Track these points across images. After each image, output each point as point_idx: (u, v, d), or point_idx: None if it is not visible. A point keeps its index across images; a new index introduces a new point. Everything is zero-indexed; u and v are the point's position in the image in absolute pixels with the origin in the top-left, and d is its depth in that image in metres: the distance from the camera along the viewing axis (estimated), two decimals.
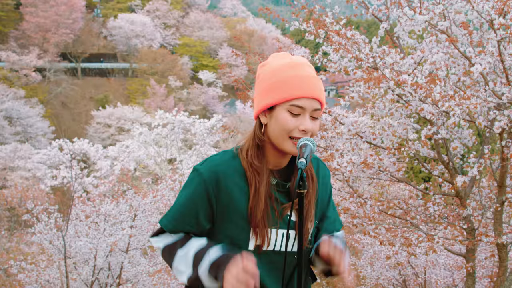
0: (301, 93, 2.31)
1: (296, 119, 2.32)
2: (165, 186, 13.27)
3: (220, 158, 2.46)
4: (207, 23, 72.02)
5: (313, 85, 2.35)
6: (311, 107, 2.34)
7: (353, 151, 7.62)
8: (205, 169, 2.42)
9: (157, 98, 56.00)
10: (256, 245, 2.41)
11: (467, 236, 7.67)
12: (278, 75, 2.36)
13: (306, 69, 2.39)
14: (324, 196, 2.62)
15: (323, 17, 7.50)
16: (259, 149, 2.43)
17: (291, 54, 2.52)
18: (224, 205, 2.40)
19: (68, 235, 11.18)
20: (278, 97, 2.32)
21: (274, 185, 2.44)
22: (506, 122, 6.36)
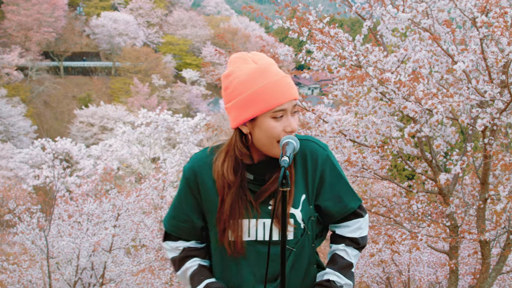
0: (282, 98, 2.33)
1: (280, 122, 2.34)
2: (148, 185, 13.25)
3: (199, 154, 2.57)
4: (191, 22, 71.83)
5: (289, 86, 2.37)
6: (291, 107, 2.37)
7: (336, 149, 7.61)
8: (186, 168, 2.56)
9: (140, 96, 55.77)
10: (234, 237, 2.47)
11: (450, 234, 7.70)
12: (253, 85, 2.34)
13: (274, 70, 2.39)
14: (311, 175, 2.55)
15: (306, 15, 7.45)
16: (236, 161, 2.44)
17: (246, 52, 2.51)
18: (205, 198, 2.52)
19: (50, 235, 11.09)
20: (260, 108, 2.32)
21: (252, 180, 2.47)
22: (488, 119, 6.41)
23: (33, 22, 58.12)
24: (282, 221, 2.27)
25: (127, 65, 62.39)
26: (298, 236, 2.52)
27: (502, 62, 6.08)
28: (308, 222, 2.55)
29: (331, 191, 2.57)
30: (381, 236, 8.38)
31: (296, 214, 2.49)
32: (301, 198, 2.51)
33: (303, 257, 2.56)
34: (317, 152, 2.55)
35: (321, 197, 2.57)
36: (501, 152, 6.85)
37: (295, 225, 2.49)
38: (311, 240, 2.59)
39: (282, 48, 7.82)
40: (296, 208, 2.49)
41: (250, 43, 66.89)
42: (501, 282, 10.61)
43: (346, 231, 2.66)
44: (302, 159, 2.53)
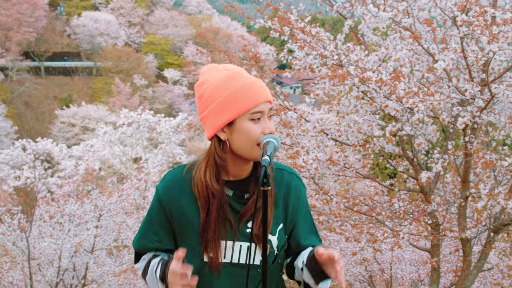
0: (258, 99, 2.33)
1: (259, 124, 2.34)
2: (130, 186, 13.20)
3: (174, 173, 2.52)
4: (172, 21, 71.58)
5: (264, 88, 2.39)
6: (267, 109, 2.37)
7: (318, 148, 7.56)
8: (160, 187, 2.50)
9: (122, 96, 55.46)
10: (210, 258, 2.44)
11: (431, 232, 7.73)
12: (228, 89, 2.34)
13: (246, 75, 2.41)
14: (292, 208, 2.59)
15: (288, 15, 7.45)
16: (217, 170, 2.42)
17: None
18: (179, 219, 2.47)
19: (32, 236, 11.01)
20: (238, 110, 2.32)
21: (231, 196, 2.45)
22: (469, 118, 6.45)
23: (13, 22, 57.59)
24: (263, 223, 2.27)
25: (108, 65, 62.03)
26: (270, 262, 2.53)
27: (482, 60, 6.11)
28: (281, 250, 2.58)
29: (305, 229, 2.65)
30: (363, 235, 8.38)
31: (273, 240, 2.51)
32: (278, 226, 2.53)
33: (272, 284, 2.58)
34: (300, 190, 2.61)
35: (297, 233, 2.63)
36: (482, 150, 6.87)
37: (271, 249, 2.50)
38: (280, 268, 2.62)
39: (264, 48, 7.82)
40: (273, 235, 2.51)
41: (232, 42, 66.79)
42: (482, 280, 10.69)
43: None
44: (286, 191, 2.56)
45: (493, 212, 7.34)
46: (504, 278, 9.75)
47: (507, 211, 7.16)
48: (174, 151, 21.39)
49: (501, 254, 9.77)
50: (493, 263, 9.88)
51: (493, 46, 5.86)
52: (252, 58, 7.79)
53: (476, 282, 10.45)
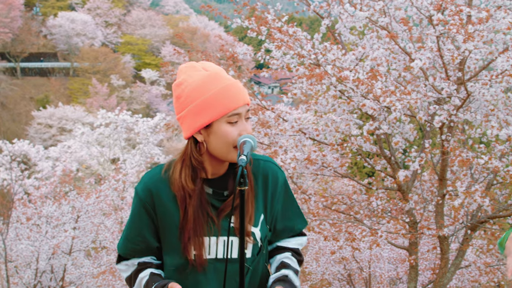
0: (236, 102, 2.32)
1: (236, 127, 2.34)
2: (108, 186, 13.12)
3: (152, 173, 2.51)
4: (149, 21, 71.18)
5: (242, 90, 2.38)
6: (245, 111, 2.36)
7: (296, 147, 7.60)
8: (140, 188, 2.48)
9: (99, 97, 55.05)
10: (195, 255, 2.43)
11: (409, 230, 7.78)
12: (206, 91, 2.33)
13: (224, 76, 2.39)
14: (271, 196, 2.59)
15: (265, 14, 7.46)
16: (193, 170, 2.42)
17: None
18: (161, 218, 2.46)
19: (8, 238, 10.89)
20: (216, 113, 2.31)
21: (211, 194, 2.45)
22: (446, 116, 6.50)
23: None
24: (241, 221, 2.26)
25: (85, 66, 61.52)
26: (255, 254, 2.53)
27: (458, 59, 6.19)
28: (264, 241, 2.58)
29: (285, 213, 2.65)
30: (342, 234, 8.40)
31: (256, 232, 2.50)
32: (260, 217, 2.53)
33: (258, 275, 2.57)
34: (277, 175, 2.59)
35: (275, 219, 2.63)
36: (458, 148, 6.87)
37: (254, 241, 2.50)
38: (265, 259, 2.63)
39: (241, 47, 7.81)
40: (256, 226, 2.51)
41: (209, 42, 66.61)
42: (460, 277, 10.78)
43: (289, 243, 2.72)
44: (263, 180, 2.55)
45: (470, 209, 7.39)
46: (481, 275, 9.80)
47: (483, 209, 7.21)
48: (152, 152, 21.28)
49: (478, 251, 9.81)
50: (471, 260, 9.93)
51: (469, 45, 5.92)
52: (229, 58, 7.78)
53: (454, 279, 10.54)
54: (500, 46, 6.82)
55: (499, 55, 6.28)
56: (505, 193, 7.85)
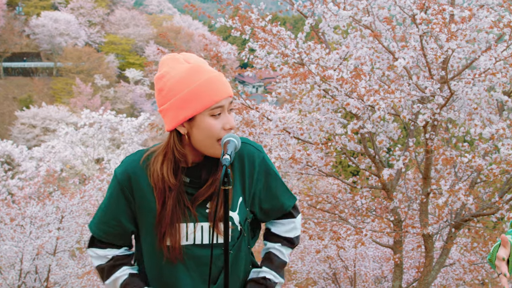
0: (219, 95, 2.31)
1: (219, 120, 2.33)
2: (92, 187, 13.05)
3: (133, 157, 2.49)
4: (133, 21, 70.87)
5: (224, 83, 2.36)
6: (228, 104, 2.36)
7: (281, 146, 7.62)
8: (119, 171, 2.46)
9: (83, 97, 54.73)
10: (171, 241, 2.42)
11: (394, 228, 7.80)
12: (189, 84, 2.32)
13: (207, 69, 2.37)
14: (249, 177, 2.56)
15: (248, 14, 7.44)
16: (176, 163, 2.41)
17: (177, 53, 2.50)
18: (139, 203, 2.44)
19: None
20: (199, 106, 2.30)
21: (188, 183, 2.44)
22: (429, 115, 6.52)
23: None
24: (225, 221, 2.26)
25: (69, 65, 61.15)
26: (235, 238, 2.52)
27: (442, 58, 6.22)
28: (245, 224, 2.57)
29: (269, 192, 2.61)
30: (327, 233, 8.43)
31: (234, 216, 2.49)
32: (238, 200, 2.51)
33: (240, 259, 2.57)
34: (253, 155, 2.56)
35: (258, 199, 2.60)
36: (442, 147, 6.91)
37: (233, 226, 2.49)
38: (247, 241, 2.61)
39: (225, 47, 7.81)
40: (234, 211, 2.49)
41: (193, 41, 66.44)
42: (445, 275, 10.82)
43: (282, 230, 2.72)
44: (239, 162, 2.53)
45: (454, 208, 7.43)
46: (465, 273, 9.88)
47: (467, 207, 7.22)
48: None
49: (462, 250, 9.84)
50: (455, 259, 9.99)
51: (452, 44, 5.95)
52: (213, 57, 7.76)
53: (439, 277, 10.60)
54: (483, 45, 6.84)
55: (482, 53, 6.30)
56: (488, 191, 7.86)
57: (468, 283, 10.81)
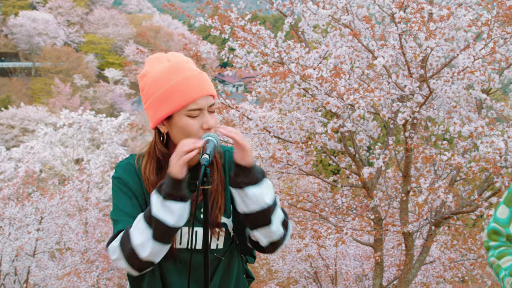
0: (195, 95, 2.30)
1: (197, 120, 2.32)
2: (72, 187, 13.02)
3: (127, 162, 2.49)
4: (112, 20, 70.44)
5: (202, 82, 2.35)
6: (206, 104, 2.33)
7: (261, 146, 7.60)
8: (117, 173, 2.46)
9: (62, 97, 54.31)
10: None
11: (374, 226, 7.81)
12: (164, 83, 2.33)
13: (187, 67, 2.37)
14: None
15: (228, 13, 7.42)
16: (158, 162, 2.42)
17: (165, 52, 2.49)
18: (139, 197, 2.44)
19: None
20: (173, 106, 2.31)
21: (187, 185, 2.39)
22: (409, 113, 6.54)
23: None
24: (204, 221, 2.24)
25: (47, 65, 60.65)
26: (227, 245, 2.50)
27: (421, 56, 6.22)
28: (235, 229, 2.54)
29: None
30: (308, 231, 8.43)
31: (228, 223, 2.48)
32: (231, 206, 2.50)
33: (233, 267, 2.54)
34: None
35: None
36: (422, 145, 6.95)
37: (226, 231, 2.47)
38: (239, 250, 2.58)
39: (205, 46, 7.79)
40: (228, 217, 2.49)
41: (173, 41, 66.18)
42: (425, 273, 10.89)
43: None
44: (230, 169, 2.50)
45: (434, 206, 7.43)
46: (446, 271, 9.93)
47: (447, 205, 7.22)
48: (117, 152, 21.05)
49: (442, 247, 9.92)
50: (435, 256, 10.06)
51: (431, 42, 5.97)
52: (193, 57, 7.72)
53: (419, 275, 10.65)
54: (462, 43, 6.92)
55: (460, 52, 6.34)
56: (468, 189, 7.92)
57: (448, 280, 10.90)
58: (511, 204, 2.45)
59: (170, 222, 2.19)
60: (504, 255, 2.41)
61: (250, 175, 2.26)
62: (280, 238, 2.39)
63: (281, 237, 2.39)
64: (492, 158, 6.20)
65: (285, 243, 2.44)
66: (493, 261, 2.45)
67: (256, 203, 2.27)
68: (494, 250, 2.46)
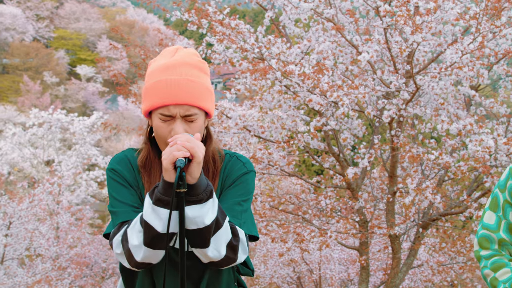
0: (167, 101, 2.26)
1: (168, 124, 2.29)
2: (42, 190, 13.07)
3: (122, 153, 2.51)
4: (84, 14, 69.89)
5: (183, 90, 2.27)
6: (180, 113, 2.28)
7: (241, 145, 7.58)
8: (111, 165, 2.44)
9: (32, 95, 53.71)
10: None
11: (360, 229, 7.79)
12: (150, 79, 2.32)
13: (179, 70, 2.31)
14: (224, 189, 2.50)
15: (206, 7, 7.39)
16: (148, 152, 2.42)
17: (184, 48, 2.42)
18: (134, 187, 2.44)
19: None
20: (148, 104, 2.31)
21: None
22: (395, 111, 6.50)
23: None
24: (180, 226, 2.17)
25: (15, 62, 60.05)
26: None
27: (407, 51, 6.19)
28: None
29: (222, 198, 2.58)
30: (290, 235, 8.44)
31: None
32: None
33: (223, 275, 2.44)
34: (234, 168, 2.51)
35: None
36: (409, 144, 6.98)
37: None
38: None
39: (181, 41, 7.92)
40: None
41: (148, 36, 65.76)
42: (413, 277, 10.89)
43: None
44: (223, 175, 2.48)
45: (421, 207, 7.43)
46: (434, 275, 9.95)
47: (435, 206, 7.30)
48: (90, 152, 20.80)
49: (430, 250, 9.95)
50: (423, 260, 10.06)
51: (417, 37, 5.94)
52: None
53: (406, 279, 10.66)
54: (449, 37, 7.01)
55: (448, 47, 6.33)
56: (456, 189, 8.04)
57: (437, 285, 10.94)
58: (496, 209, 2.39)
59: (159, 227, 2.17)
60: (500, 267, 2.34)
61: (192, 193, 2.18)
62: (222, 261, 2.30)
63: (222, 259, 2.29)
64: (481, 157, 6.15)
65: (235, 263, 2.35)
66: (487, 273, 2.39)
67: (194, 223, 2.20)
68: (486, 260, 2.40)
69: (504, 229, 2.36)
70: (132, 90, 8.49)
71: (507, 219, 2.35)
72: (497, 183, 2.39)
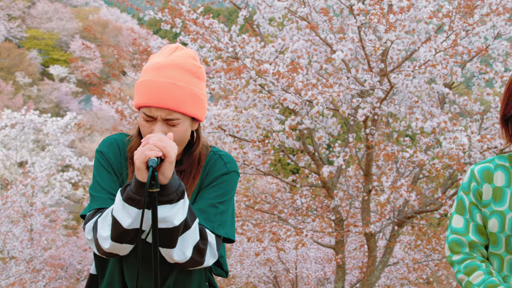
0: (150, 101, 2.27)
1: (150, 124, 2.31)
2: (15, 192, 12.95)
3: (114, 136, 2.52)
4: (57, 14, 69.20)
5: (168, 94, 2.26)
6: (161, 117, 2.28)
7: (216, 145, 7.40)
8: (100, 147, 2.46)
9: (4, 96, 53.07)
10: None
11: (335, 228, 7.79)
12: (142, 76, 2.34)
13: (167, 73, 2.29)
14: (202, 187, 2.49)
15: (179, 6, 7.35)
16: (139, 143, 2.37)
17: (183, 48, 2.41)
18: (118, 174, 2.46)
19: None
20: (136, 100, 2.32)
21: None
22: (369, 109, 6.53)
23: None
24: (153, 224, 2.14)
25: None
26: None
27: (381, 50, 6.22)
28: None
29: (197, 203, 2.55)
30: (266, 234, 8.48)
31: None
32: None
33: (191, 272, 2.41)
34: (215, 168, 2.49)
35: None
36: (383, 142, 6.99)
37: None
38: None
39: (155, 41, 7.88)
40: None
41: (122, 35, 65.28)
42: (389, 275, 10.91)
43: None
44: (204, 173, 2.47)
45: (397, 205, 7.44)
46: (410, 272, 9.99)
47: (410, 204, 7.31)
48: (63, 153, 20.62)
49: (406, 248, 9.99)
50: (399, 257, 10.05)
51: (391, 35, 5.94)
52: (143, 52, 7.72)
53: (382, 277, 10.71)
54: (423, 35, 7.02)
55: (421, 45, 6.35)
56: (431, 187, 8.09)
57: (413, 282, 10.98)
58: (463, 212, 2.40)
59: (125, 223, 2.17)
60: (473, 270, 2.34)
61: (164, 193, 2.17)
62: (187, 263, 2.29)
63: (187, 261, 2.28)
64: (455, 154, 6.15)
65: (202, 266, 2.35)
66: (461, 278, 2.39)
67: (163, 223, 2.19)
68: (458, 265, 2.40)
69: (473, 231, 2.36)
70: (106, 90, 8.40)
71: (475, 221, 2.36)
72: (460, 186, 2.39)
